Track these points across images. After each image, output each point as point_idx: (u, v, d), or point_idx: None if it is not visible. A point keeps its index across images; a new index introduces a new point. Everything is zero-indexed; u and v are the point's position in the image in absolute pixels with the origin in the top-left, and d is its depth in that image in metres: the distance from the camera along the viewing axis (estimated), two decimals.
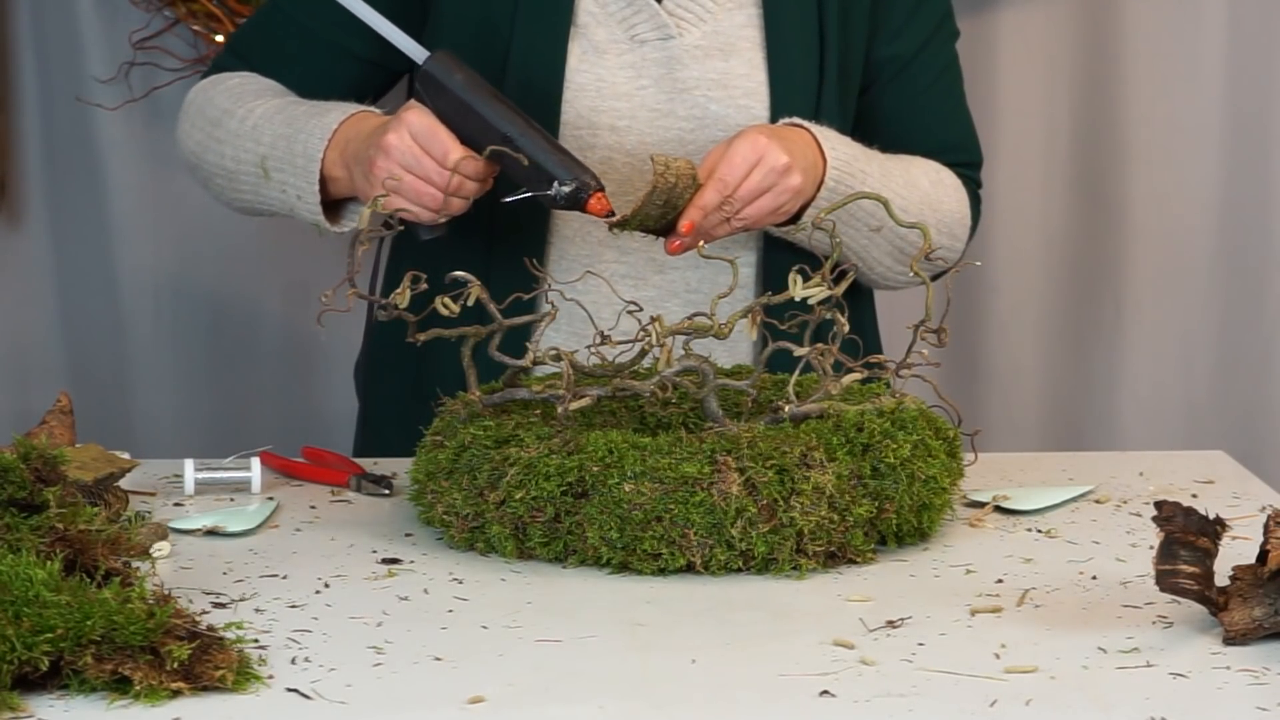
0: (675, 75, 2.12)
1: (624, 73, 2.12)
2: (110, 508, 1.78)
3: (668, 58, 2.13)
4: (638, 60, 2.13)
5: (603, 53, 2.12)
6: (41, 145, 2.87)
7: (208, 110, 2.15)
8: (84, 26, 2.83)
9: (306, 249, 2.92)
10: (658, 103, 2.13)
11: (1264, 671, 1.47)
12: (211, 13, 2.77)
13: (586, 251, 2.12)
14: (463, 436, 1.78)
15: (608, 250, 2.12)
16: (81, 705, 1.39)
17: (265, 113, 2.11)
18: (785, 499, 1.69)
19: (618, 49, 2.13)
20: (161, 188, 2.88)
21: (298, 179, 2.06)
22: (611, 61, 2.12)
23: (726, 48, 2.13)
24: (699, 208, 1.96)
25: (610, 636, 1.55)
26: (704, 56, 2.13)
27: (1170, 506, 1.52)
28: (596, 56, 2.12)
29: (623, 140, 2.12)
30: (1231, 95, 2.97)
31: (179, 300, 2.91)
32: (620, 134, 2.12)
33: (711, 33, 2.13)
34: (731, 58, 2.13)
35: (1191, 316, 3.02)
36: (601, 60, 2.12)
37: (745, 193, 1.97)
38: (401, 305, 1.80)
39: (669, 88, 2.13)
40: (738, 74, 2.13)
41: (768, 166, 1.97)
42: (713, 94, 2.13)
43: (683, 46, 2.13)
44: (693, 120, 2.13)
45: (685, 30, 2.13)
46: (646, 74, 2.13)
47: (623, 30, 2.13)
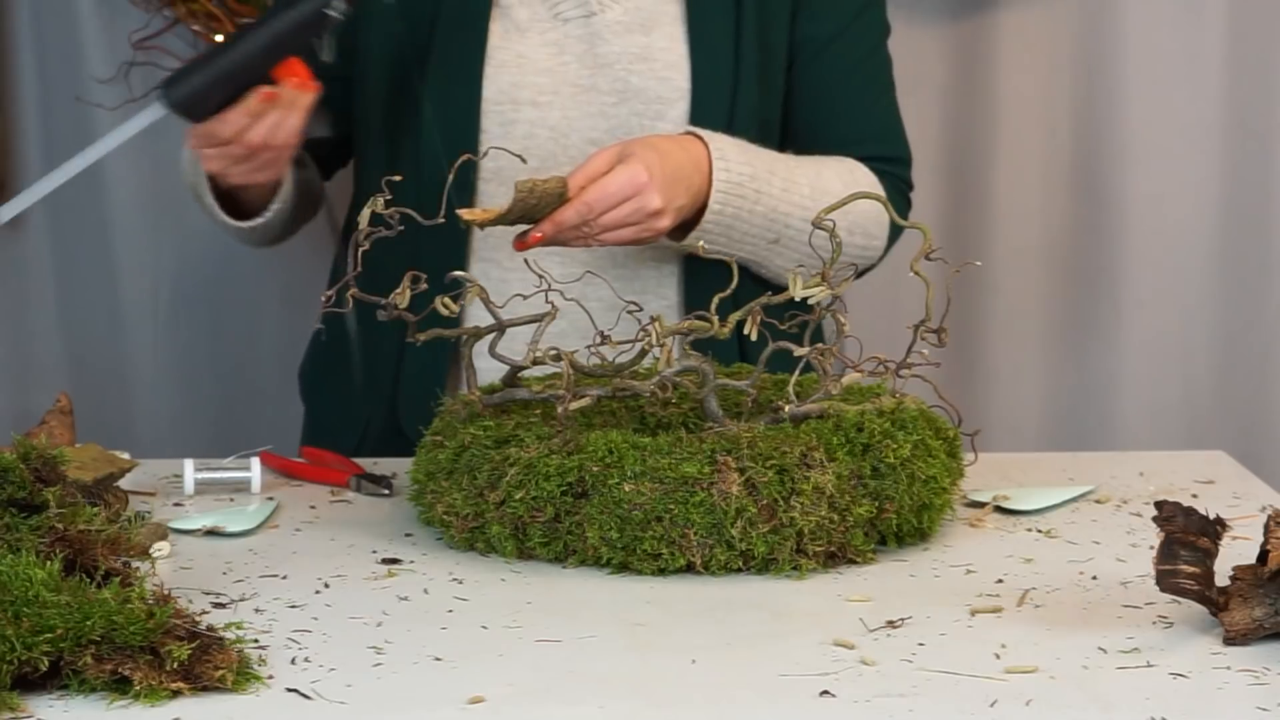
0: (597, 50, 2.16)
1: (546, 49, 2.16)
2: (110, 508, 1.78)
3: (589, 34, 2.16)
4: (560, 37, 2.17)
5: (524, 30, 2.16)
6: (41, 145, 2.87)
7: None
8: (84, 26, 2.83)
9: (307, 249, 2.91)
10: (579, 78, 2.16)
11: (1264, 672, 1.47)
12: (211, 13, 2.77)
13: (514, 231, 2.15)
14: (463, 436, 1.78)
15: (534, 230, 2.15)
16: (81, 705, 1.39)
17: None
18: (785, 499, 1.69)
19: (540, 27, 2.17)
20: (161, 188, 2.88)
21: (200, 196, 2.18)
22: (534, 39, 2.16)
23: (647, 22, 2.17)
24: (555, 223, 1.98)
25: (610, 637, 1.55)
26: (625, 31, 2.16)
27: (1170, 507, 1.52)
28: (518, 34, 2.16)
29: (545, 115, 2.15)
30: (1231, 95, 2.96)
31: (179, 300, 2.91)
32: (543, 109, 2.16)
33: (633, 8, 2.17)
34: (652, 32, 2.17)
35: (1191, 316, 3.02)
36: (523, 38, 2.16)
37: (608, 222, 1.99)
38: (401, 305, 1.80)
39: (591, 63, 2.16)
40: (658, 47, 2.16)
41: (637, 205, 2.00)
42: (634, 68, 2.16)
43: (604, 22, 2.17)
44: (614, 94, 2.16)
45: (607, 7, 2.17)
46: (569, 50, 2.17)
47: (545, 9, 2.17)
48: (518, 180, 1.94)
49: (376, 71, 2.21)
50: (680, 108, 2.16)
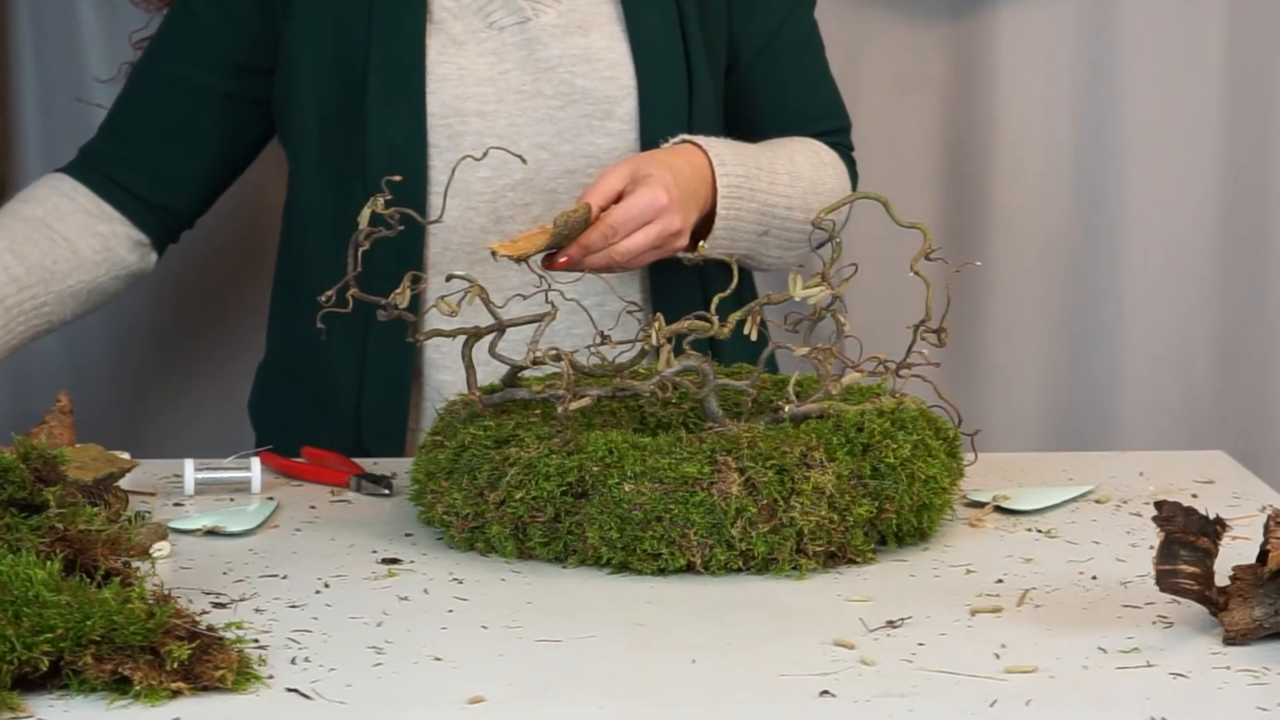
0: (537, 55, 2.17)
1: (485, 59, 2.16)
2: (110, 508, 1.78)
3: (527, 39, 2.17)
4: (498, 46, 2.17)
5: (462, 44, 2.17)
6: (41, 145, 2.87)
7: None
8: (84, 26, 2.83)
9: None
10: (523, 84, 2.17)
11: (1264, 671, 1.47)
12: None
13: (469, 239, 2.15)
14: (463, 436, 1.78)
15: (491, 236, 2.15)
16: (81, 705, 1.39)
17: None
18: (785, 499, 1.69)
19: (476, 38, 2.17)
20: None
21: None
22: (471, 50, 2.16)
23: (585, 24, 2.18)
24: (581, 246, 1.98)
25: (610, 636, 1.55)
26: (563, 34, 2.17)
27: (1170, 506, 1.52)
28: (456, 48, 2.16)
29: (492, 124, 2.16)
30: (1231, 95, 2.96)
31: (179, 300, 2.91)
32: (489, 118, 2.16)
33: (567, 10, 2.18)
34: (591, 33, 2.18)
35: (1191, 316, 3.02)
36: (461, 51, 2.16)
37: (631, 246, 1.99)
38: (401, 305, 1.80)
39: (532, 68, 2.17)
40: (599, 47, 2.17)
41: (661, 228, 2.01)
42: (577, 69, 2.17)
43: (540, 26, 2.17)
44: (560, 97, 2.17)
45: (541, 12, 2.18)
46: (508, 58, 2.17)
47: (479, 20, 2.17)
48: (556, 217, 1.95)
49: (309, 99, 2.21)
50: (627, 105, 2.17)
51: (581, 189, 2.15)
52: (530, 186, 2.17)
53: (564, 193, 2.18)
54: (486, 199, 2.17)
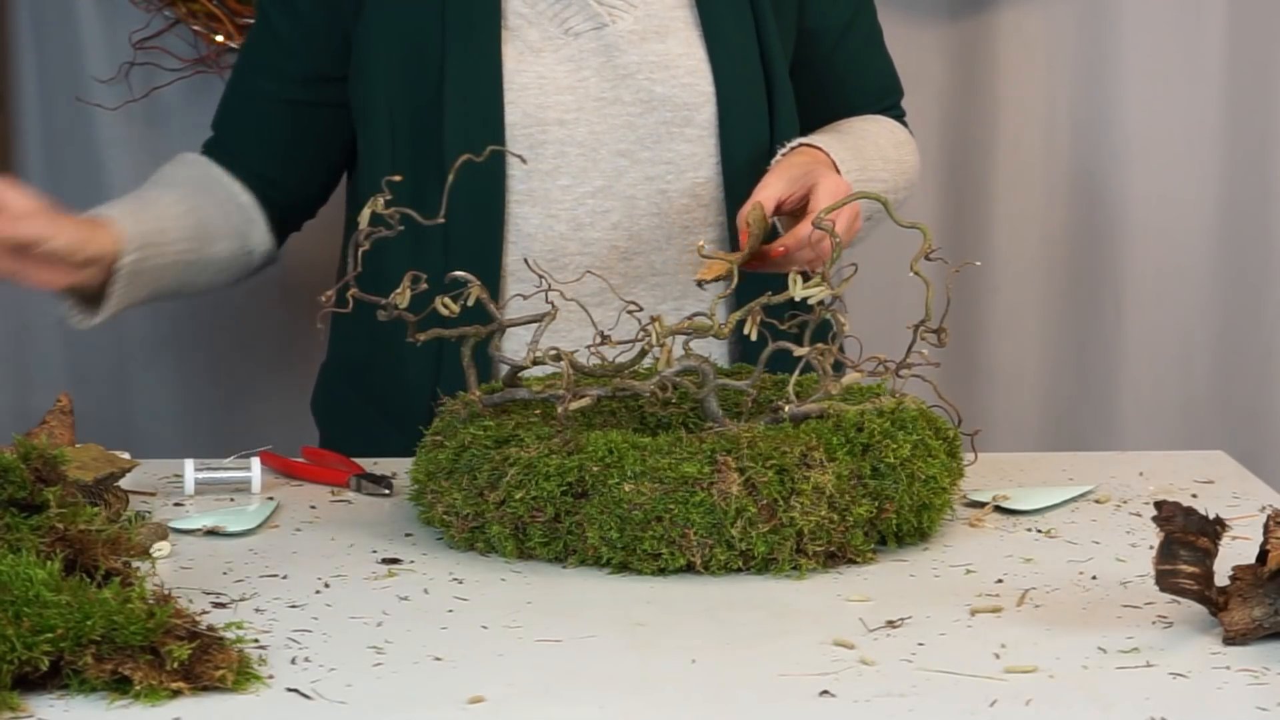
0: (615, 62, 2.16)
1: (564, 66, 2.15)
2: (110, 508, 1.78)
3: (604, 46, 2.16)
4: (575, 53, 2.16)
5: (539, 51, 2.15)
6: (41, 145, 2.87)
7: None
8: (84, 26, 2.83)
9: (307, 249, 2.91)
10: (602, 91, 2.16)
11: (1264, 671, 1.47)
12: (211, 13, 2.77)
13: (549, 247, 2.14)
14: (463, 436, 1.78)
15: (570, 243, 2.14)
16: (81, 705, 1.39)
17: None
18: (785, 499, 1.69)
19: (553, 45, 2.16)
20: None
21: None
22: (550, 58, 2.15)
23: (661, 29, 2.17)
24: (795, 237, 1.99)
25: (610, 636, 1.55)
26: (640, 40, 2.16)
27: (1170, 506, 1.52)
28: (534, 55, 2.15)
29: (572, 133, 2.15)
30: (1231, 95, 2.96)
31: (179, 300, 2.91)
32: (569, 126, 2.15)
33: (644, 16, 2.17)
34: (668, 39, 2.17)
35: (1191, 316, 3.02)
36: (539, 58, 2.15)
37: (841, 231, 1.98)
38: (402, 305, 1.80)
39: (610, 75, 2.16)
40: (676, 54, 2.17)
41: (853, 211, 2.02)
42: (655, 76, 2.16)
43: (617, 33, 2.16)
44: (639, 104, 2.16)
45: (618, 17, 2.17)
46: (586, 65, 2.16)
47: (555, 26, 2.16)
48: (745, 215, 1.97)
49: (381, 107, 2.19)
50: (706, 111, 2.17)
51: (660, 195, 2.16)
52: (610, 194, 2.16)
53: (643, 199, 2.17)
54: (566, 206, 2.15)
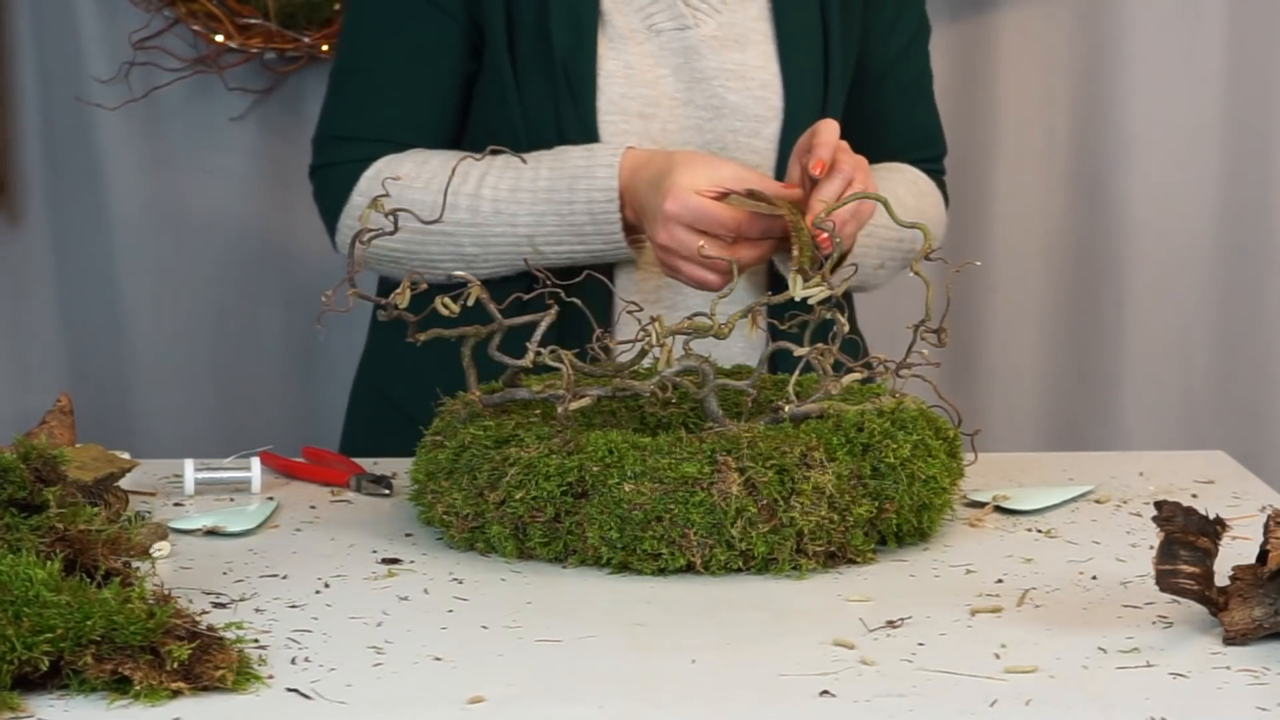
0: (693, 65, 2.15)
1: (646, 60, 2.15)
2: (110, 508, 1.78)
3: (685, 47, 2.15)
4: (656, 49, 2.15)
5: (626, 39, 2.15)
6: (41, 145, 2.87)
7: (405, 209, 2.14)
8: (84, 26, 2.83)
9: (307, 248, 2.92)
10: (676, 91, 2.15)
11: (1264, 671, 1.47)
12: (211, 13, 2.78)
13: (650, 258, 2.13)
14: (463, 436, 1.78)
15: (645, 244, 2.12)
16: (81, 705, 1.39)
17: (497, 195, 2.10)
18: (785, 499, 1.69)
19: (637, 38, 2.15)
20: (162, 188, 2.88)
21: (590, 243, 2.08)
22: (634, 49, 2.15)
23: (741, 39, 2.17)
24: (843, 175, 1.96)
25: (610, 636, 1.55)
26: (720, 47, 2.16)
27: (1170, 506, 1.52)
28: (620, 43, 2.15)
29: (648, 127, 2.14)
30: (1231, 95, 2.97)
31: (179, 300, 2.91)
32: (647, 120, 2.15)
33: (726, 24, 2.16)
34: (747, 49, 2.16)
35: (1191, 316, 3.02)
36: (625, 47, 2.15)
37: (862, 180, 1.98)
38: (401, 305, 1.80)
39: (687, 77, 2.15)
40: (753, 65, 2.16)
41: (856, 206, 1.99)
42: (730, 84, 2.15)
43: (699, 37, 2.15)
44: (711, 109, 2.16)
45: (701, 21, 2.16)
46: (665, 63, 2.15)
47: (640, 19, 2.15)
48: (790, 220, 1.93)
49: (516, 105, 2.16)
50: (774, 127, 2.16)
51: None
52: None
53: None
54: None
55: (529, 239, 2.08)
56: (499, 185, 2.10)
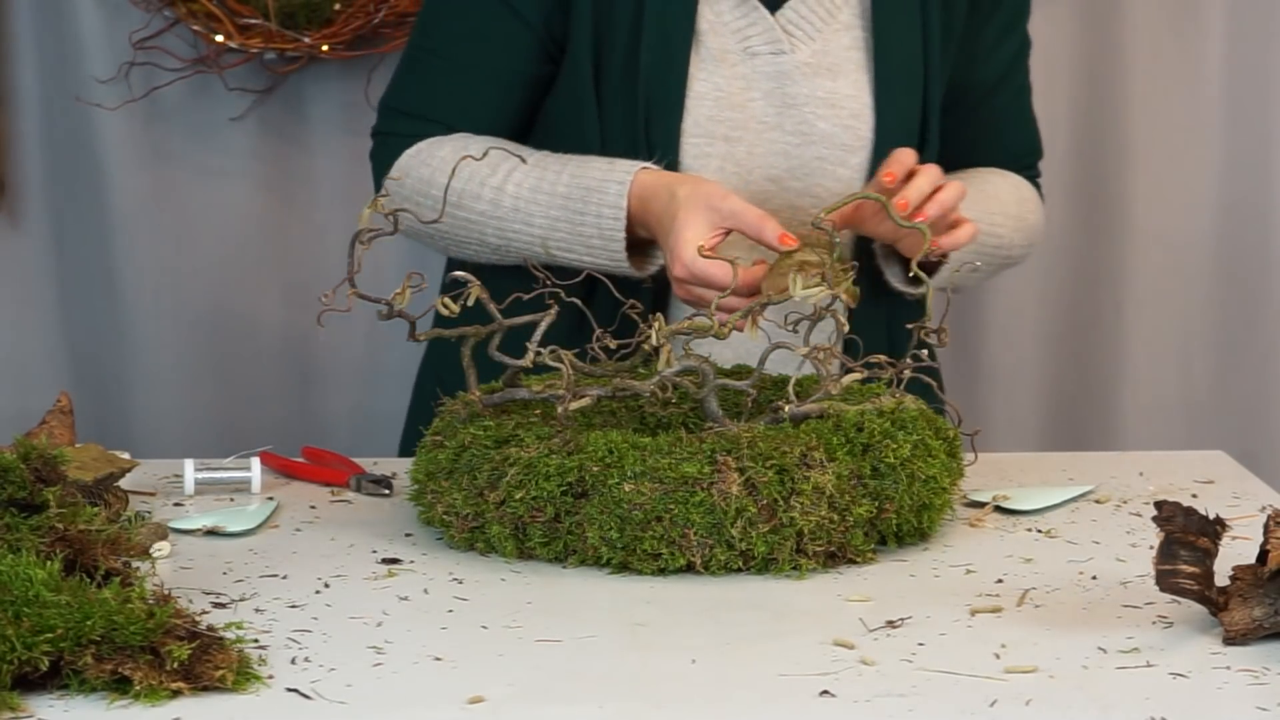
0: (785, 90, 2.14)
1: (737, 83, 2.13)
2: (110, 508, 1.78)
3: (778, 72, 2.14)
4: (749, 72, 2.14)
5: (718, 61, 2.13)
6: (41, 145, 2.87)
7: (434, 192, 2.13)
8: (84, 26, 2.83)
9: (307, 249, 2.92)
10: (766, 115, 2.14)
11: (1264, 671, 1.47)
12: (211, 13, 2.78)
13: None
14: (462, 436, 1.78)
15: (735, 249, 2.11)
16: (81, 705, 1.39)
17: (519, 193, 2.10)
18: (785, 499, 1.69)
19: (731, 59, 2.13)
20: (162, 188, 2.88)
21: (595, 257, 2.07)
22: (726, 71, 2.13)
23: (834, 67, 2.15)
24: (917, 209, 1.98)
25: (610, 636, 1.55)
26: (813, 74, 2.14)
27: (1170, 506, 1.52)
28: (714, 65, 2.13)
29: (733, 150, 2.13)
30: (1231, 95, 2.97)
31: (179, 300, 2.91)
32: (733, 144, 2.13)
33: (820, 51, 2.15)
34: (839, 78, 2.15)
35: (1191, 317, 3.02)
36: (717, 69, 2.13)
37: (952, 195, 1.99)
38: (401, 305, 1.80)
39: (778, 102, 2.14)
40: (845, 94, 2.15)
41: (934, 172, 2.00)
42: (820, 112, 2.14)
43: (793, 62, 2.14)
44: (799, 135, 2.14)
45: (797, 47, 2.14)
46: (757, 86, 2.14)
47: (736, 41, 2.13)
48: None
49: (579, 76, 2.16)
50: (861, 156, 2.15)
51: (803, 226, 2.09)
52: None
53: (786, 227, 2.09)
54: None
55: (542, 240, 2.08)
56: (522, 183, 2.10)
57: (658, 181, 2.03)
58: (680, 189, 2.00)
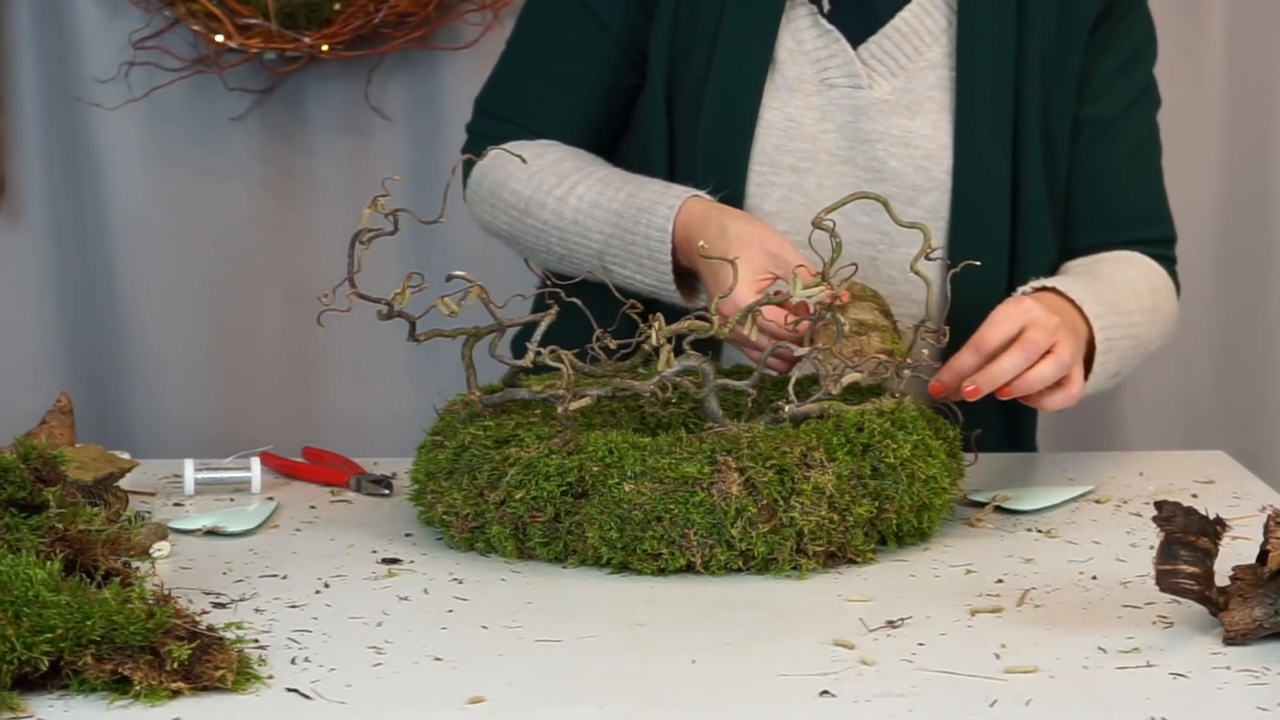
0: (860, 125, 2.11)
1: (811, 114, 2.11)
2: (110, 508, 1.78)
3: (854, 106, 2.11)
4: (824, 103, 2.12)
5: (794, 91, 2.11)
6: (41, 145, 2.87)
7: (506, 196, 2.14)
8: (84, 26, 2.83)
9: (307, 249, 2.91)
10: (839, 148, 2.12)
11: (1264, 671, 1.47)
12: (211, 13, 2.78)
13: None
14: (463, 436, 1.78)
15: None
16: (81, 705, 1.39)
17: (579, 206, 2.09)
18: (785, 499, 1.69)
19: (806, 89, 2.12)
20: (161, 188, 2.88)
21: (646, 276, 2.05)
22: (800, 101, 2.11)
23: (913, 106, 2.12)
24: (953, 371, 1.89)
25: (610, 637, 1.55)
26: (890, 111, 2.11)
27: (1170, 506, 1.52)
28: (788, 94, 2.11)
29: (801, 181, 2.10)
30: (1231, 95, 2.96)
31: (179, 300, 2.91)
32: (801, 175, 2.11)
33: (901, 89, 2.12)
34: (917, 117, 2.12)
35: (1191, 316, 3.01)
36: (791, 99, 2.11)
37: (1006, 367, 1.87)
38: (401, 305, 1.80)
39: (851, 136, 2.12)
40: (921, 134, 2.11)
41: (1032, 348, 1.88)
42: (894, 150, 2.11)
43: (870, 98, 2.11)
44: (870, 171, 2.11)
45: (876, 83, 2.11)
46: (831, 118, 2.12)
47: (814, 71, 2.11)
48: None
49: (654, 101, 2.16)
50: (934, 196, 2.11)
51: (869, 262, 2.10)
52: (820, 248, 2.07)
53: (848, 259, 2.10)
54: None
55: (599, 255, 2.07)
56: (584, 196, 2.09)
57: (708, 211, 2.00)
58: (732, 225, 1.97)
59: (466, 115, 2.27)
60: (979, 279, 1.95)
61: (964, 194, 2.11)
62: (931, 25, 2.12)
